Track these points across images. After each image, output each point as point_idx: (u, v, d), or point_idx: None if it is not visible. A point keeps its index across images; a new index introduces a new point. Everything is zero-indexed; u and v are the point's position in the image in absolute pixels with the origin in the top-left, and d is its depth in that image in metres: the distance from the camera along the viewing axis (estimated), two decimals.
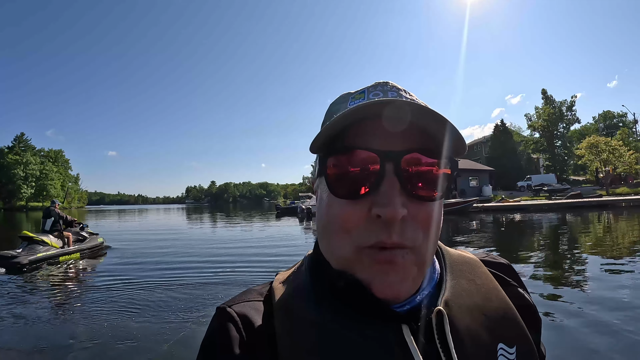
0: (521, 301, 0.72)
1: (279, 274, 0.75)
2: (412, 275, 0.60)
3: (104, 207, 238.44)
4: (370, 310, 0.60)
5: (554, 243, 14.31)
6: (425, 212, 0.60)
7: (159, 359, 4.92)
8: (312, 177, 0.74)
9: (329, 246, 0.64)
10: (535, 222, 22.54)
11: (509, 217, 26.11)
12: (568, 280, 8.25)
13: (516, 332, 0.65)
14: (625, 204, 29.95)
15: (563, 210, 28.85)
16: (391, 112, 0.57)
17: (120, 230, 27.23)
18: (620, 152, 42.54)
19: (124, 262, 12.35)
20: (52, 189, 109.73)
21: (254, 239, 19.26)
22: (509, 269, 0.79)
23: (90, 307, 7.22)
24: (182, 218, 46.49)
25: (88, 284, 9.61)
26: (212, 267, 10.88)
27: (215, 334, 0.63)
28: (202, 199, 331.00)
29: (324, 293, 0.64)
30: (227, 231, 24.99)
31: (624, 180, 47.38)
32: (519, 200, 37.14)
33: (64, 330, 6.02)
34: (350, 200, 0.59)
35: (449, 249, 0.79)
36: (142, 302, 7.38)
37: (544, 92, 62.58)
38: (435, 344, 0.59)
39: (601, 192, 40.14)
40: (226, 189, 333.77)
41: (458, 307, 0.64)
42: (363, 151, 0.59)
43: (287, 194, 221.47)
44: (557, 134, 61.14)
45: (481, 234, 17.68)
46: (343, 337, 0.58)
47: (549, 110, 60.43)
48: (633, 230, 16.53)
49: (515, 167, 60.13)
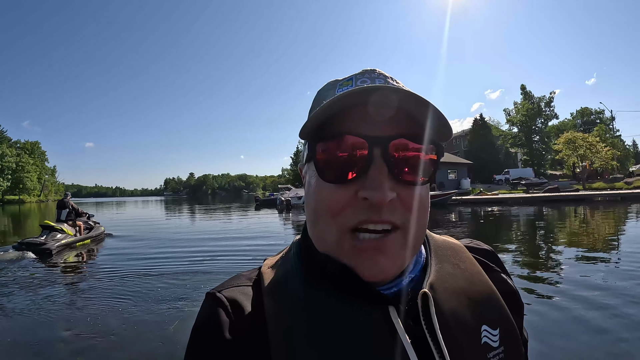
0: (504, 286, 0.73)
1: (267, 259, 0.76)
2: (401, 258, 0.62)
3: (81, 199, 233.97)
4: (358, 292, 0.61)
5: (532, 235, 14.49)
6: (412, 196, 0.61)
7: (151, 346, 5.00)
8: (301, 163, 0.75)
9: (317, 230, 0.65)
10: (513, 214, 22.73)
11: (487, 210, 26.26)
12: (544, 269, 8.60)
13: (499, 315, 0.67)
14: (601, 198, 30.31)
15: (540, 204, 29.09)
16: (379, 99, 0.58)
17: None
18: (597, 148, 43.01)
19: (123, 247, 13.77)
20: (28, 181, 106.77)
21: (234, 230, 19.37)
22: (493, 255, 0.81)
23: (110, 286, 8.13)
24: (161, 210, 45.85)
25: (102, 266, 10.60)
26: (197, 256, 11.21)
27: (206, 319, 0.63)
28: (181, 190, 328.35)
29: (313, 277, 0.65)
30: (208, 223, 25.06)
31: (600, 176, 48.12)
32: (497, 193, 37.37)
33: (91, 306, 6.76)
34: (339, 185, 0.60)
35: (434, 235, 0.81)
36: (146, 287, 7.87)
37: (523, 87, 63.17)
38: (421, 325, 0.61)
39: (578, 186, 40.59)
40: (205, 180, 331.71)
41: (443, 290, 0.66)
42: (352, 137, 0.60)
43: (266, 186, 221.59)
44: (535, 129, 61.74)
45: (460, 227, 17.58)
46: (332, 319, 0.60)
47: (527, 105, 60.96)
48: (608, 224, 16.77)
49: (493, 160, 60.72)
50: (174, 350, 4.79)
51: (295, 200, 39.34)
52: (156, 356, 4.74)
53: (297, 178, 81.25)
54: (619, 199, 28.87)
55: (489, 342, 0.64)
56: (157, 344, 5.05)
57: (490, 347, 0.64)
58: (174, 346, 4.91)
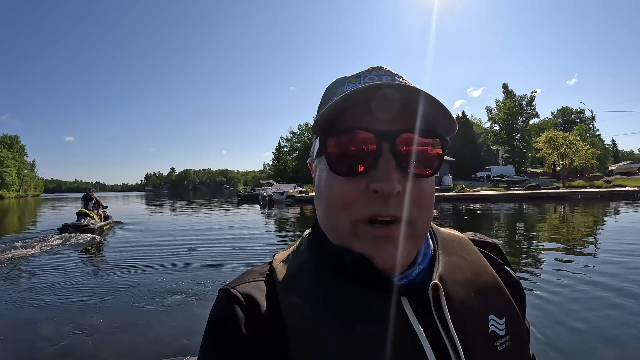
0: (507, 278, 0.77)
1: (277, 254, 0.77)
2: (408, 248, 0.64)
3: (61, 195, 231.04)
4: (372, 283, 0.64)
5: (513, 231, 14.71)
6: (418, 189, 0.64)
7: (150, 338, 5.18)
8: (310, 157, 0.77)
9: (330, 222, 0.67)
10: (495, 211, 22.82)
11: (469, 207, 26.34)
12: (526, 262, 8.99)
13: (505, 305, 0.70)
14: (581, 196, 30.36)
15: (521, 201, 29.15)
16: (387, 95, 0.61)
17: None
18: (577, 147, 43.35)
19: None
20: (7, 176, 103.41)
21: (218, 226, 19.18)
22: (496, 247, 0.85)
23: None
24: (142, 206, 45.39)
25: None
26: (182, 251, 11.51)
27: (222, 315, 0.64)
28: (162, 186, 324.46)
29: (326, 268, 0.67)
30: (192, 218, 25.56)
31: (580, 174, 48.55)
32: (479, 190, 37.43)
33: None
34: (350, 178, 0.63)
35: (440, 228, 0.84)
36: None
37: (505, 86, 63.48)
38: (433, 315, 0.63)
39: (558, 184, 40.94)
40: (186, 175, 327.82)
41: (452, 281, 0.68)
42: (362, 131, 0.62)
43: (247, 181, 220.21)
44: (516, 127, 62.14)
45: (441, 223, 17.31)
46: (348, 309, 0.62)
47: (509, 104, 61.35)
48: (587, 220, 16.99)
49: (475, 158, 60.98)
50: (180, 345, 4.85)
51: (277, 195, 39.10)
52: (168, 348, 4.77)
53: (279, 173, 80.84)
54: (598, 197, 29.02)
55: (496, 330, 0.67)
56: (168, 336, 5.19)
57: (497, 335, 0.67)
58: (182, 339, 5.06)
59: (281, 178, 72.61)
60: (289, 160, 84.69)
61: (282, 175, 77.26)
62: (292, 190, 42.98)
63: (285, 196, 39.47)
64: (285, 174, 77.79)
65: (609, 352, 4.38)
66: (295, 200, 37.96)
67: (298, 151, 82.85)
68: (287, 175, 76.76)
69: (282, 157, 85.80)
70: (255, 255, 10.64)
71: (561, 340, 4.64)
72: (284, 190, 41.85)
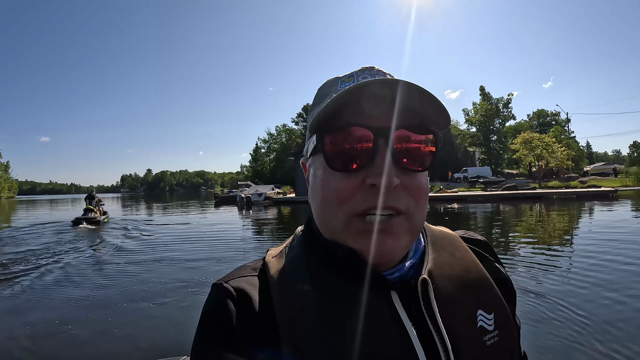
0: (497, 274, 0.78)
1: (270, 250, 0.78)
2: (405, 240, 0.66)
3: (36, 197, 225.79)
4: (363, 277, 0.64)
5: (490, 230, 14.89)
6: (414, 183, 0.65)
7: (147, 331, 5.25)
8: (304, 157, 0.78)
9: (325, 218, 0.68)
10: (472, 211, 23.02)
11: (447, 207, 26.48)
12: (505, 260, 8.82)
13: (494, 301, 0.71)
14: (557, 196, 30.84)
15: (498, 201, 29.39)
16: (382, 92, 0.62)
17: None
18: (553, 149, 44.04)
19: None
20: None
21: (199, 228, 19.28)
22: (486, 245, 0.85)
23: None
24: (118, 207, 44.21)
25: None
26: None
27: (214, 309, 0.65)
28: (138, 187, 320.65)
29: (318, 263, 0.68)
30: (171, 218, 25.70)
31: (556, 175, 49.39)
32: (457, 191, 37.66)
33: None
34: (347, 173, 0.64)
35: (431, 225, 0.85)
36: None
37: (482, 89, 64.54)
38: (421, 309, 0.65)
39: (534, 185, 41.50)
40: (163, 177, 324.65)
41: (441, 277, 0.69)
42: (358, 128, 0.64)
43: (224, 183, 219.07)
44: (493, 129, 63.09)
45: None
46: (338, 303, 0.63)
47: (486, 106, 62.26)
48: (562, 220, 17.37)
49: (452, 159, 61.44)
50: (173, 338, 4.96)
51: (255, 197, 38.64)
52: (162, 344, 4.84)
53: (256, 175, 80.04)
54: (574, 197, 29.39)
55: (484, 325, 0.68)
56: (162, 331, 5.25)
57: (485, 330, 0.68)
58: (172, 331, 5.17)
59: (259, 179, 72.02)
60: (266, 161, 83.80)
61: (259, 177, 76.53)
62: (270, 191, 42.45)
63: (263, 197, 39.00)
64: (263, 175, 76.97)
65: (595, 349, 4.29)
66: (273, 202, 37.63)
67: (275, 152, 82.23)
68: (264, 176, 76.03)
69: (259, 158, 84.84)
70: (242, 254, 10.71)
71: (542, 338, 4.58)
72: (262, 191, 41.28)
